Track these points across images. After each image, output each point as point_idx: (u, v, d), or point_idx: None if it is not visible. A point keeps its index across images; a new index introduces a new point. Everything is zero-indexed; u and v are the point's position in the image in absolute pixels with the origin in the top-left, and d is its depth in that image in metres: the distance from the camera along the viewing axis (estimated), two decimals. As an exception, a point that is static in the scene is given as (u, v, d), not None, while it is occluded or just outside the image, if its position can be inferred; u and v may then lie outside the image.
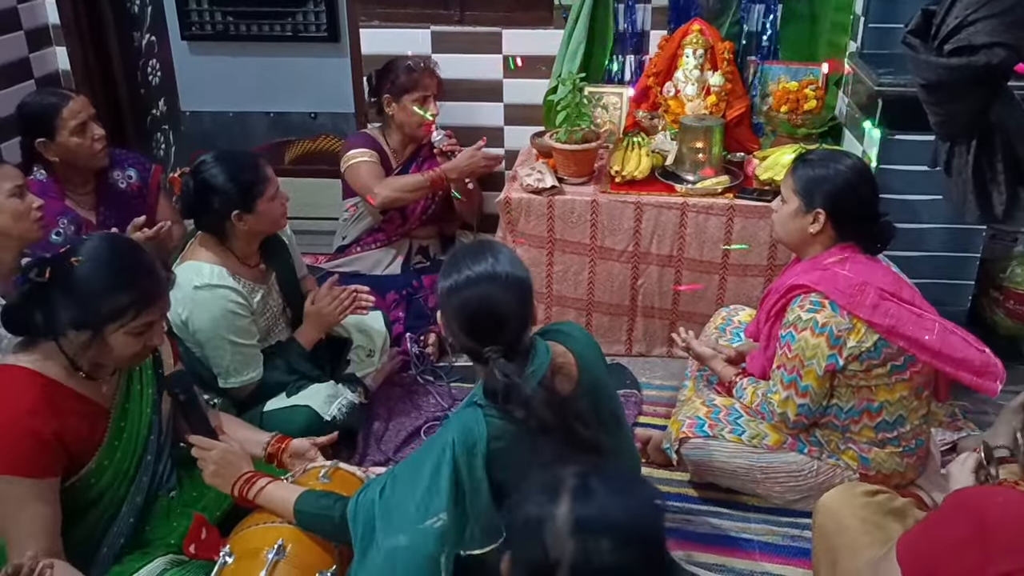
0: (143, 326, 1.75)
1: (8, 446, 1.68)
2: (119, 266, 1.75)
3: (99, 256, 1.74)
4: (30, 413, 1.69)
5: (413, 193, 3.18)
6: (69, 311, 1.71)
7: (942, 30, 1.91)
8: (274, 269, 2.58)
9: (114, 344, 1.74)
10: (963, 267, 2.81)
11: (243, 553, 1.78)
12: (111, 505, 1.87)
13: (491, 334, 1.63)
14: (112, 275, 1.73)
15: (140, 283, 1.75)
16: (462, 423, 1.63)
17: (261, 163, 2.42)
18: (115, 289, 1.71)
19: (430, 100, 3.20)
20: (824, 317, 2.08)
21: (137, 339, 1.76)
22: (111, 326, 1.71)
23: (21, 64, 3.56)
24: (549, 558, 1.08)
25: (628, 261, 3.01)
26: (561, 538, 1.08)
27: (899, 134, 2.64)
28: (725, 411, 2.33)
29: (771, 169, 2.94)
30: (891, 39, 2.80)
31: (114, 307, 1.70)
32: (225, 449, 1.93)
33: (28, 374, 1.73)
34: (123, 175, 2.91)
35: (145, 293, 1.75)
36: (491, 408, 1.63)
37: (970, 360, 2.09)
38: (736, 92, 3.22)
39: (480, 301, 1.63)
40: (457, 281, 1.64)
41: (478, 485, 1.60)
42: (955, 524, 1.35)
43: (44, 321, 1.72)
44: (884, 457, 2.19)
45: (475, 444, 1.60)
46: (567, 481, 1.14)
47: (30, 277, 1.72)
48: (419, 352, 3.04)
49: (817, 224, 2.16)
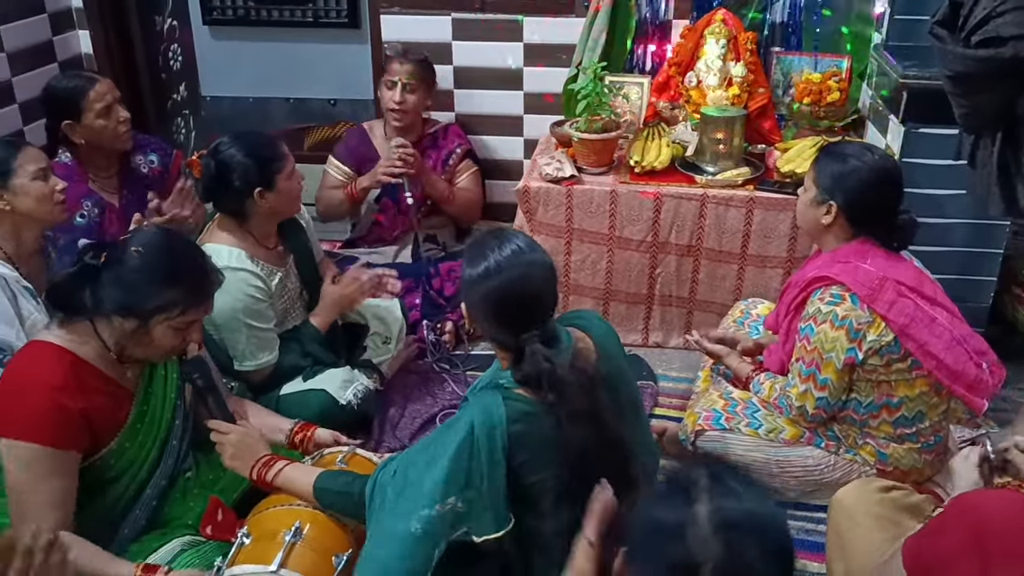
0: (186, 323, 1.81)
1: (35, 416, 1.71)
2: (175, 261, 1.80)
3: (158, 249, 1.79)
4: (57, 388, 1.73)
5: (339, 207, 3.28)
6: (120, 297, 1.75)
7: (969, 21, 1.89)
8: (292, 252, 2.59)
9: (156, 335, 1.79)
10: (985, 263, 2.79)
11: (260, 535, 1.79)
12: (130, 486, 1.89)
13: (526, 320, 1.62)
14: (167, 269, 1.78)
15: (192, 281, 1.81)
16: (482, 406, 1.63)
17: (278, 141, 2.44)
18: (168, 283, 1.76)
19: (397, 87, 3.16)
20: (844, 310, 2.06)
21: (178, 334, 1.81)
22: (157, 318, 1.76)
23: (45, 47, 3.58)
24: (693, 559, 1.05)
25: (646, 251, 3.00)
26: (706, 538, 1.05)
27: (923, 127, 2.62)
28: (742, 404, 2.32)
29: (792, 161, 2.92)
30: (916, 32, 2.77)
31: (163, 300, 1.75)
32: (243, 433, 1.95)
33: (58, 350, 1.77)
34: (145, 159, 2.93)
35: (195, 291, 1.81)
36: (511, 392, 1.63)
37: (966, 374, 2.08)
38: (758, 83, 3.19)
39: (514, 286, 1.62)
40: (488, 267, 1.62)
41: (495, 469, 1.60)
42: (955, 532, 1.35)
43: (91, 302, 1.76)
44: (902, 453, 2.18)
45: (495, 427, 1.59)
46: (700, 481, 1.11)
47: (85, 259, 1.77)
48: (435, 340, 3.05)
49: (829, 216, 2.14)
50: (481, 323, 1.68)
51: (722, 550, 1.04)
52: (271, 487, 1.89)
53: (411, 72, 3.16)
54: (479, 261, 1.64)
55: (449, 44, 3.52)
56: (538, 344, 1.59)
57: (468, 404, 1.69)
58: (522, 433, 1.60)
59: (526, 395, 1.63)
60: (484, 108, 3.53)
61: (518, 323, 1.62)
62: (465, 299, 1.70)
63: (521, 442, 1.60)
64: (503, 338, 1.66)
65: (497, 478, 1.60)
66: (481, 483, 1.60)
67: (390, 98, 3.17)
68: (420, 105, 3.24)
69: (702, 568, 1.04)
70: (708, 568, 1.04)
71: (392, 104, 3.17)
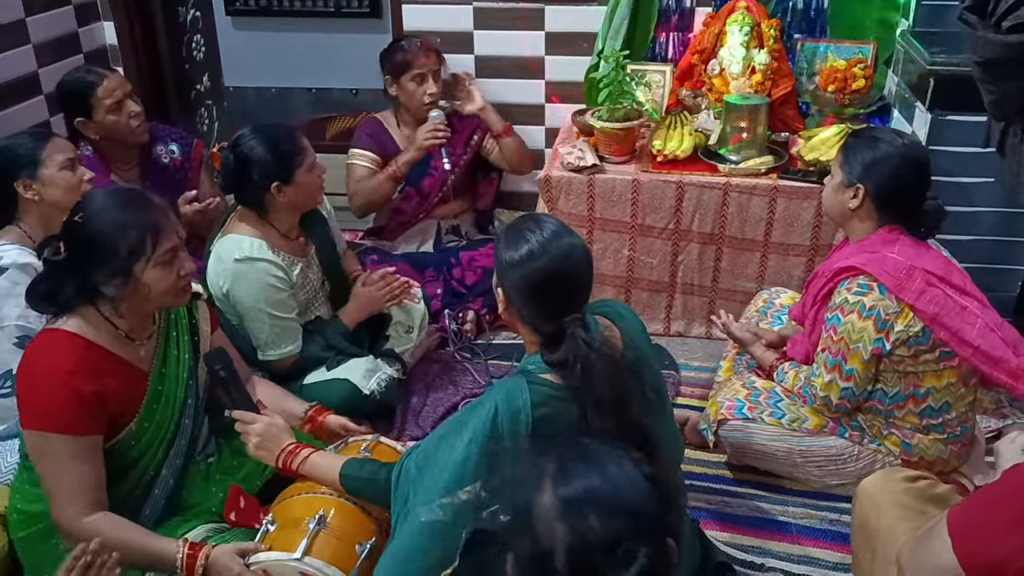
0: (167, 253, 1.79)
1: (52, 405, 1.73)
2: (115, 206, 1.79)
3: (95, 205, 1.79)
4: (72, 373, 1.74)
5: (380, 192, 3.19)
6: (95, 266, 1.76)
7: (1000, 6, 1.86)
8: (314, 243, 2.60)
9: (148, 280, 1.78)
10: (1012, 252, 2.76)
11: (285, 522, 1.81)
12: (150, 467, 1.91)
13: (566, 302, 1.61)
14: (113, 216, 1.77)
15: (142, 214, 1.79)
16: (506, 390, 1.63)
17: (297, 134, 2.43)
18: (123, 227, 1.75)
19: (428, 78, 3.16)
20: (872, 300, 2.04)
21: (168, 269, 1.80)
22: (138, 264, 1.76)
23: (70, 38, 3.61)
24: (544, 547, 1.06)
25: (668, 238, 2.99)
26: (550, 524, 1.07)
27: (950, 114, 2.58)
28: (765, 394, 2.31)
29: (816, 149, 2.89)
30: (943, 17, 2.74)
31: (130, 243, 1.75)
32: (268, 423, 1.96)
33: (69, 337, 1.78)
34: (166, 150, 2.94)
35: (151, 221, 1.79)
36: (536, 376, 1.64)
37: (1006, 361, 2.05)
38: (782, 71, 3.15)
39: (558, 268, 1.60)
40: (532, 249, 1.61)
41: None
42: (1013, 502, 1.31)
43: (79, 288, 1.78)
44: (928, 443, 2.16)
45: (519, 411, 1.59)
46: (547, 467, 1.12)
47: (48, 257, 1.78)
48: (457, 329, 3.05)
49: (856, 200, 2.12)
50: (519, 307, 1.66)
51: (567, 532, 1.06)
52: (297, 475, 1.90)
53: (435, 61, 3.18)
54: (520, 243, 1.62)
55: (471, 33, 3.51)
56: (580, 328, 1.58)
57: (492, 388, 1.69)
58: (546, 417, 1.60)
59: (551, 380, 1.64)
60: (505, 97, 3.53)
61: (559, 306, 1.61)
62: (503, 282, 1.67)
63: (545, 426, 1.60)
64: (540, 322, 1.65)
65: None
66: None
67: (424, 91, 3.15)
68: (440, 92, 3.24)
69: (555, 553, 1.06)
70: (560, 552, 1.06)
71: (426, 98, 3.16)
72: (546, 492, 1.09)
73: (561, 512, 1.07)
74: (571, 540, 1.05)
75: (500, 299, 1.70)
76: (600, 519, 1.06)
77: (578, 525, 1.06)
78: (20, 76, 3.33)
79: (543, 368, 1.65)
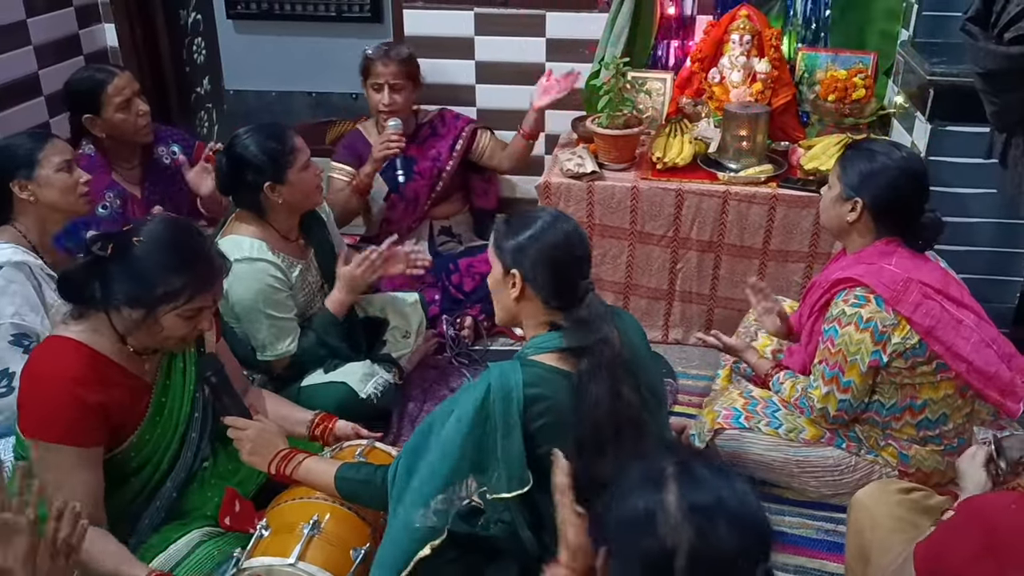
0: (194, 311, 1.79)
1: (55, 415, 1.72)
2: (177, 249, 1.78)
3: (159, 238, 1.77)
4: (76, 382, 1.73)
5: (349, 205, 3.15)
6: (125, 287, 1.74)
7: (1003, 18, 1.86)
8: (313, 245, 2.60)
9: (165, 324, 1.77)
10: (1011, 263, 2.75)
11: (279, 527, 1.81)
12: (151, 478, 1.90)
13: (580, 267, 1.72)
14: (169, 257, 1.76)
15: (196, 268, 1.78)
16: (500, 370, 1.67)
17: (290, 133, 2.42)
18: (171, 271, 1.74)
19: (384, 88, 3.12)
20: (869, 312, 2.04)
21: (187, 322, 1.80)
22: (164, 307, 1.75)
23: (71, 40, 3.61)
24: (666, 547, 1.07)
25: (667, 246, 2.99)
26: (676, 524, 1.07)
27: (950, 125, 2.58)
28: (763, 403, 2.30)
29: (816, 159, 2.89)
30: (944, 28, 2.73)
31: (168, 289, 1.74)
32: (260, 428, 1.96)
33: (75, 345, 1.77)
34: (167, 151, 2.95)
35: (200, 278, 1.78)
36: (529, 359, 1.68)
37: (999, 377, 2.05)
38: (782, 80, 3.16)
39: (570, 237, 1.71)
40: (543, 225, 1.71)
41: (511, 431, 1.62)
42: (968, 535, 1.34)
43: (100, 293, 1.76)
44: (925, 455, 2.16)
45: (511, 389, 1.63)
46: (667, 470, 1.13)
47: (93, 250, 1.76)
48: (454, 335, 3.05)
49: (854, 213, 2.12)
50: (541, 279, 1.70)
51: (693, 534, 1.06)
52: (291, 481, 1.90)
53: (396, 73, 3.12)
54: (530, 222, 1.72)
55: (472, 39, 3.51)
56: (595, 293, 1.70)
57: (487, 370, 1.72)
58: (538, 397, 1.63)
59: (545, 362, 1.68)
60: (506, 103, 3.53)
61: (576, 270, 1.71)
62: (518, 263, 1.71)
63: (537, 407, 1.63)
64: (561, 288, 1.70)
65: (513, 440, 1.62)
66: (496, 445, 1.63)
67: (379, 100, 3.13)
68: (409, 102, 3.20)
69: (677, 554, 1.06)
70: (683, 553, 1.06)
71: (383, 107, 3.14)
72: (672, 493, 1.10)
73: (689, 514, 1.08)
74: (697, 543, 1.06)
75: (517, 282, 1.71)
76: (729, 528, 1.07)
77: (706, 530, 1.07)
78: (21, 77, 3.33)
79: (539, 350, 1.69)
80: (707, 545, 1.06)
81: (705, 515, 1.08)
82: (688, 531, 1.07)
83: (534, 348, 1.71)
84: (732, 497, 1.10)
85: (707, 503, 1.09)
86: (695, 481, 1.11)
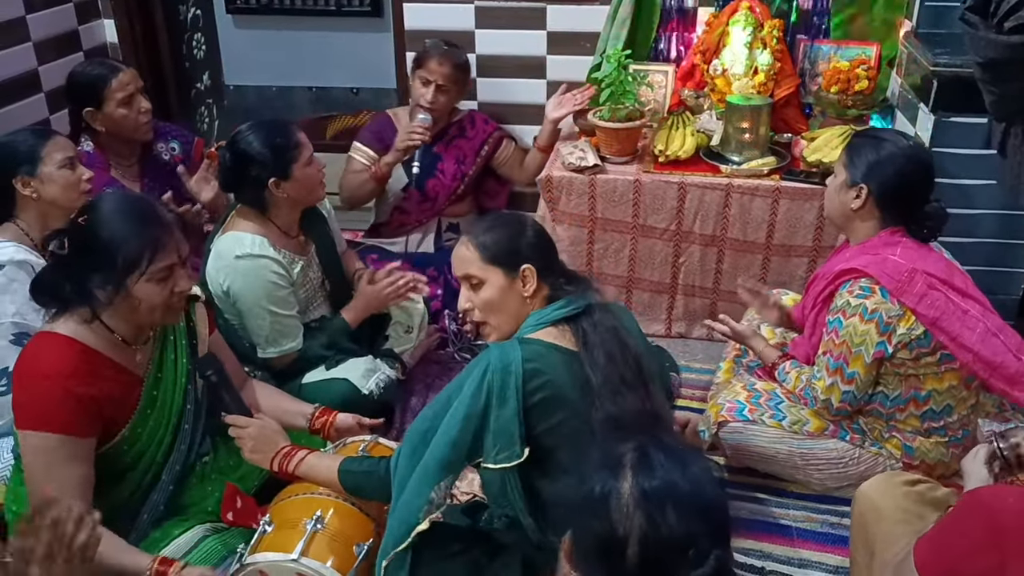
0: (163, 271, 1.76)
1: (46, 404, 1.72)
2: (123, 216, 1.77)
3: (103, 211, 1.77)
4: (67, 375, 1.73)
5: (363, 189, 3.20)
6: (89, 270, 1.74)
7: (1002, 7, 1.86)
8: (314, 242, 2.59)
9: (140, 295, 1.75)
10: (1015, 255, 2.75)
11: (282, 522, 1.80)
12: (147, 472, 1.90)
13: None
14: (118, 225, 1.75)
15: (147, 228, 1.76)
16: (500, 348, 1.70)
17: (294, 129, 2.42)
18: (124, 238, 1.73)
19: (431, 85, 3.13)
20: (874, 303, 2.03)
21: (161, 286, 1.77)
22: (131, 276, 1.73)
23: (70, 36, 3.60)
24: (617, 533, 1.09)
25: (670, 239, 2.98)
26: (628, 511, 1.10)
27: (953, 116, 2.57)
28: (766, 396, 2.30)
29: (819, 151, 2.88)
30: (947, 19, 2.72)
31: (127, 255, 1.72)
32: (261, 426, 1.96)
33: (66, 340, 1.76)
34: (167, 147, 2.94)
35: (154, 237, 1.76)
36: (527, 338, 1.72)
37: (1005, 366, 2.04)
38: (785, 71, 3.15)
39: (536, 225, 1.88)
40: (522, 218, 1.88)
41: (506, 401, 1.64)
42: (970, 527, 1.34)
43: (75, 289, 1.76)
44: (929, 447, 2.15)
45: (510, 363, 1.65)
46: (627, 456, 1.15)
47: (53, 251, 1.76)
48: (457, 330, 3.05)
49: (859, 200, 2.11)
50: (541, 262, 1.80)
51: (644, 521, 1.08)
52: (293, 478, 1.89)
53: (447, 75, 3.14)
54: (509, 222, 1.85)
55: (472, 32, 3.50)
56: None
57: (486, 350, 1.74)
58: (536, 371, 1.66)
59: (542, 339, 1.71)
60: (507, 96, 3.52)
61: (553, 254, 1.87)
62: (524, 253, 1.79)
63: (535, 380, 1.65)
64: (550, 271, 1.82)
65: (508, 408, 1.64)
66: (491, 413, 1.66)
67: (422, 95, 3.14)
68: (450, 105, 3.24)
69: (629, 540, 1.08)
70: (634, 539, 1.08)
71: (424, 102, 3.15)
72: (626, 480, 1.12)
73: (640, 501, 1.10)
74: (647, 530, 1.08)
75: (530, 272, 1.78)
76: (678, 515, 1.09)
77: (656, 517, 1.09)
78: (20, 73, 3.33)
79: (539, 326, 1.74)
80: (657, 532, 1.08)
81: (656, 502, 1.10)
82: (639, 518, 1.09)
83: (533, 325, 1.74)
84: (685, 483, 1.12)
85: (659, 490, 1.11)
86: (650, 468, 1.13)
